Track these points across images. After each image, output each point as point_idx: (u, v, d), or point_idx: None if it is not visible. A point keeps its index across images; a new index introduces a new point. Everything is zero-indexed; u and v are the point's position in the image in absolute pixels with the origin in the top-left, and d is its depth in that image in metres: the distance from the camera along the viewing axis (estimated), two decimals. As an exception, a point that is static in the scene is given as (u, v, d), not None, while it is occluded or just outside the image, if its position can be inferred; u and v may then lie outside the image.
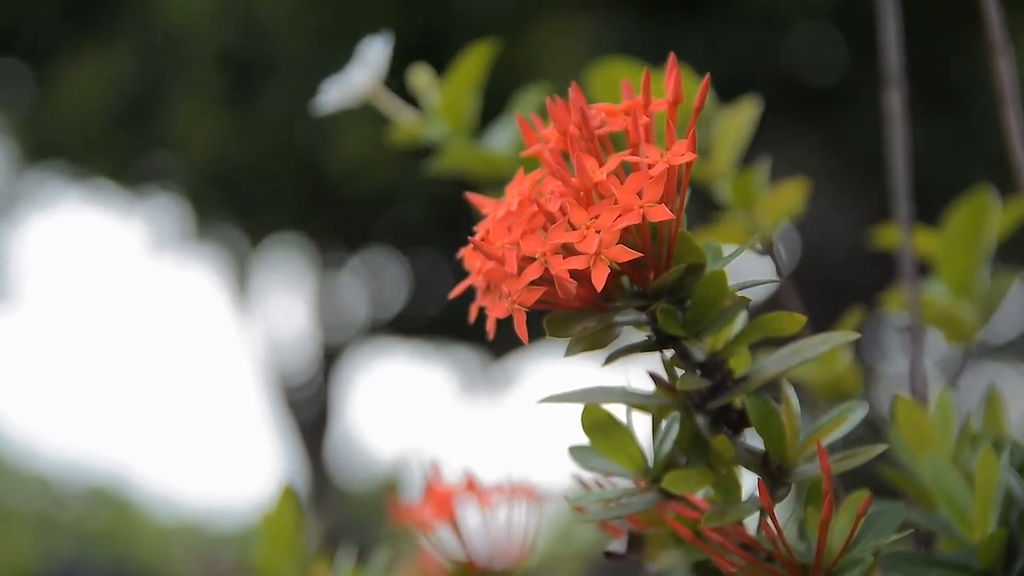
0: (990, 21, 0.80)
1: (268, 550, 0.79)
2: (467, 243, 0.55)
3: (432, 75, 0.91)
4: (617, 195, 0.53)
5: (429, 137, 0.90)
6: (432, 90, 0.90)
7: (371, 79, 0.88)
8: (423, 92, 0.91)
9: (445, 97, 0.89)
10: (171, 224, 5.12)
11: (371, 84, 0.88)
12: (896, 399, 0.69)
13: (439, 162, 0.89)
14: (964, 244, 0.84)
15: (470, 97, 0.89)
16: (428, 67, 0.91)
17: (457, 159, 0.89)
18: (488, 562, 0.80)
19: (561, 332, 0.55)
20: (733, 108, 0.85)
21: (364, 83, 0.88)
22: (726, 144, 0.85)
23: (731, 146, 0.85)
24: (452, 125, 0.89)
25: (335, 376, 5.96)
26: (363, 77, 0.88)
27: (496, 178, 0.88)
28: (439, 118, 0.89)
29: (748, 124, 0.85)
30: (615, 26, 3.72)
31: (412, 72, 0.91)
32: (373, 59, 0.89)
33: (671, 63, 0.57)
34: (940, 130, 3.74)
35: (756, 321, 0.58)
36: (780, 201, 0.86)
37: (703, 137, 0.83)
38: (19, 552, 6.50)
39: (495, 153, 0.88)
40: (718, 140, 0.85)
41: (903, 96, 0.86)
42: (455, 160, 0.89)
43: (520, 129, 0.57)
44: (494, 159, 0.88)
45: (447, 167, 0.89)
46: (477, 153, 0.88)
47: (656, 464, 0.59)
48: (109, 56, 4.29)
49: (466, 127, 0.90)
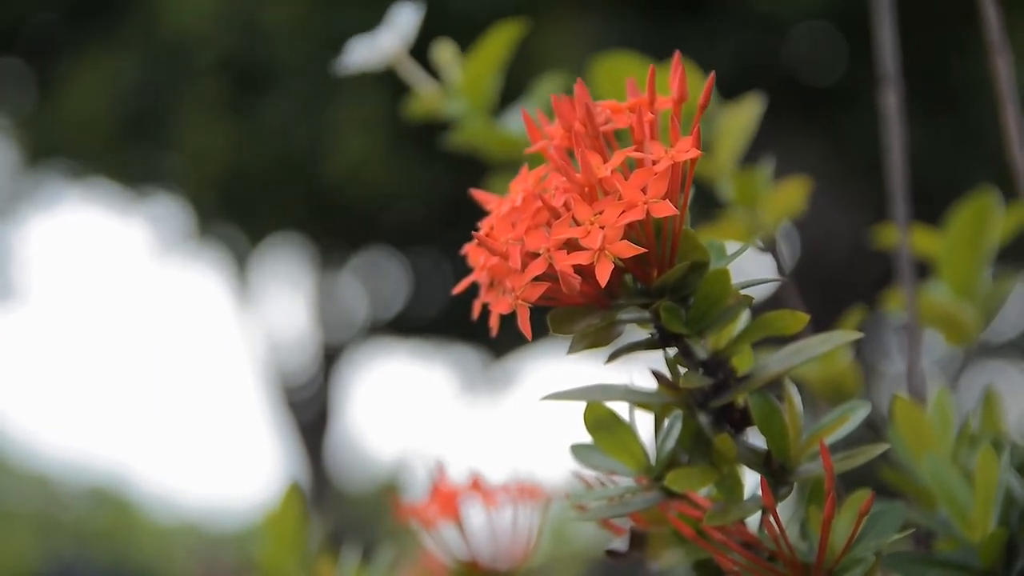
0: (988, 21, 0.79)
1: (272, 549, 0.79)
2: (470, 239, 0.55)
3: (455, 52, 0.91)
4: (621, 191, 0.53)
5: (449, 112, 0.89)
6: (454, 66, 0.90)
7: (398, 45, 0.87)
8: (445, 67, 0.90)
9: (467, 74, 0.89)
10: (173, 225, 5.13)
11: (397, 50, 0.88)
12: (895, 399, 0.69)
13: (457, 135, 0.89)
14: (966, 246, 0.84)
15: (492, 76, 0.89)
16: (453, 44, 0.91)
17: (475, 135, 0.88)
18: (491, 561, 0.80)
19: (564, 329, 0.55)
20: (736, 105, 0.85)
21: (391, 47, 0.87)
22: (728, 141, 0.85)
23: (733, 143, 0.85)
24: (473, 102, 0.89)
25: (335, 376, 5.96)
26: (390, 41, 0.87)
27: (510, 159, 0.88)
28: (460, 94, 0.89)
29: (751, 122, 0.85)
30: (616, 26, 3.72)
31: (436, 46, 0.90)
32: (402, 25, 0.88)
33: (676, 61, 0.57)
34: (941, 130, 3.74)
35: (759, 320, 0.58)
36: (782, 200, 0.85)
37: (705, 134, 0.83)
38: (19, 552, 6.50)
39: (512, 134, 0.88)
40: (720, 137, 0.85)
41: (899, 95, 0.86)
42: (473, 136, 0.88)
43: (526, 125, 0.57)
44: (511, 139, 0.88)
45: (464, 141, 0.89)
46: (495, 132, 0.88)
47: (658, 462, 0.59)
48: (113, 60, 4.29)
49: (486, 105, 0.89)
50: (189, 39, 4.10)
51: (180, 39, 4.12)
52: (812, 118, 4.17)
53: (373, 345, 5.98)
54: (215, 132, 4.17)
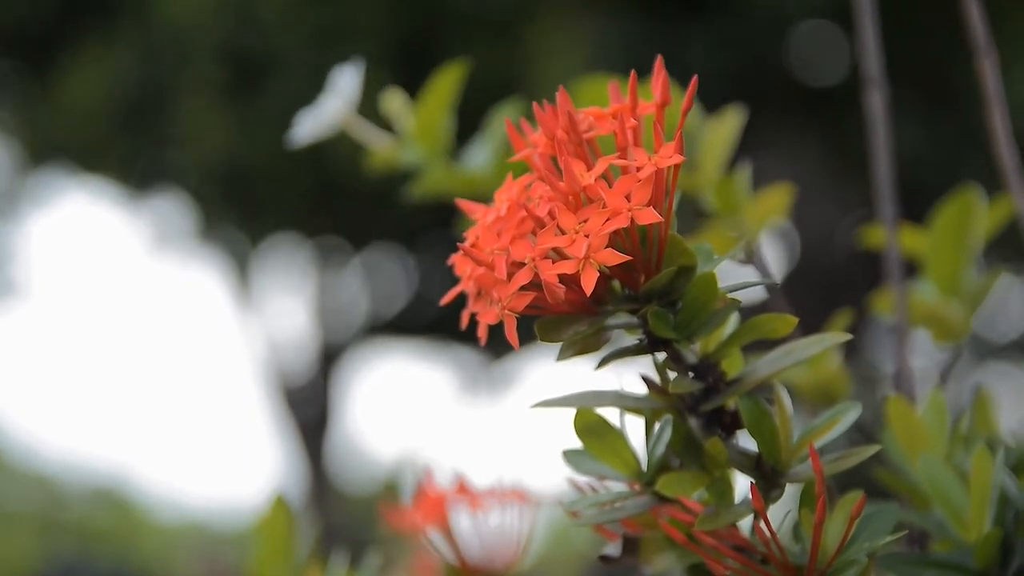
0: (973, 24, 0.80)
1: (262, 556, 0.80)
2: (458, 249, 0.55)
3: (405, 99, 0.90)
4: (605, 199, 0.53)
5: (405, 161, 0.89)
6: (406, 114, 0.90)
7: (344, 108, 0.88)
8: (396, 116, 0.90)
9: (419, 120, 0.88)
10: (174, 222, 5.12)
11: (344, 113, 0.88)
12: (888, 400, 0.69)
13: (417, 187, 0.89)
14: (951, 243, 0.84)
15: (444, 118, 0.89)
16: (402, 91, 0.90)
17: (435, 183, 0.88)
18: (481, 564, 0.80)
19: (552, 337, 0.55)
20: (718, 118, 0.85)
21: (337, 112, 0.88)
22: (712, 154, 0.84)
23: (717, 155, 0.85)
24: (428, 148, 0.88)
25: (335, 376, 5.96)
26: (336, 106, 0.88)
27: (476, 197, 0.88)
28: (414, 142, 0.89)
29: (733, 133, 0.84)
30: (617, 26, 3.72)
31: (384, 97, 0.90)
32: (345, 88, 0.88)
33: (658, 65, 0.57)
34: (940, 130, 3.74)
35: (748, 323, 0.58)
36: (764, 206, 0.85)
37: (689, 149, 0.83)
38: (21, 552, 6.51)
39: (473, 172, 0.88)
40: (704, 150, 0.84)
41: (885, 97, 0.86)
42: (433, 184, 0.88)
43: (509, 136, 0.57)
44: (472, 179, 0.87)
45: (426, 192, 0.89)
46: (455, 175, 0.88)
47: (650, 467, 0.59)
48: (111, 54, 4.29)
49: (442, 149, 0.89)
50: (186, 29, 4.10)
51: (177, 30, 4.12)
52: (812, 118, 4.17)
53: (373, 345, 5.99)
54: (215, 122, 4.17)
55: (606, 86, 0.76)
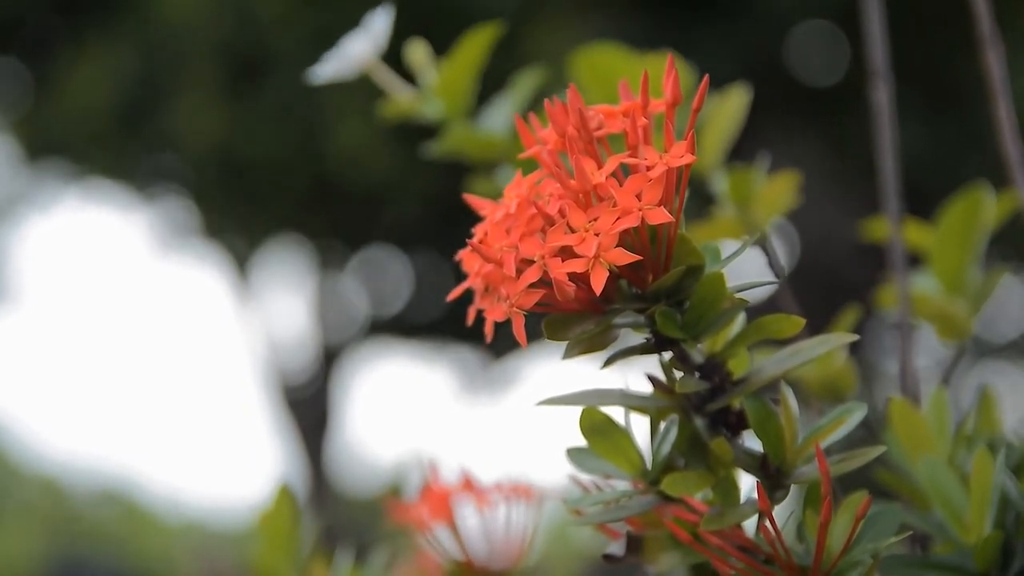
0: (979, 16, 0.80)
1: (265, 550, 0.79)
2: (466, 245, 0.55)
3: (430, 54, 0.89)
4: (616, 197, 0.53)
5: (425, 115, 0.88)
6: (430, 68, 0.88)
7: (371, 51, 0.86)
8: (420, 69, 0.89)
9: (444, 77, 0.87)
10: (174, 222, 5.12)
11: (371, 56, 0.86)
12: (891, 400, 0.69)
13: (439, 144, 0.88)
14: (957, 241, 0.83)
15: (470, 79, 0.87)
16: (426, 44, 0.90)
17: (455, 141, 0.87)
18: (486, 562, 0.80)
19: (559, 335, 0.55)
20: (722, 96, 0.84)
21: (364, 55, 0.86)
22: (714, 132, 0.84)
23: (720, 134, 0.84)
24: (449, 106, 0.87)
25: (335, 376, 5.95)
26: (363, 48, 0.86)
27: (491, 161, 0.87)
28: (437, 97, 0.88)
29: (738, 112, 0.84)
30: (617, 25, 3.72)
31: (409, 47, 0.88)
32: (374, 31, 0.86)
33: (670, 64, 0.56)
34: (941, 129, 3.74)
35: (755, 323, 0.58)
36: (773, 195, 0.84)
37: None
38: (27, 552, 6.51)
39: (491, 135, 0.87)
40: (706, 128, 0.84)
41: (890, 91, 0.86)
42: (454, 142, 0.87)
43: (518, 128, 0.57)
44: (490, 141, 0.86)
45: (447, 150, 0.88)
46: (473, 135, 0.87)
47: (654, 466, 0.59)
48: (109, 52, 4.28)
49: (463, 109, 0.88)
50: (184, 27, 4.09)
51: (175, 27, 4.11)
52: (812, 117, 4.17)
53: (373, 345, 5.98)
54: (214, 120, 4.16)
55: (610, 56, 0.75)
